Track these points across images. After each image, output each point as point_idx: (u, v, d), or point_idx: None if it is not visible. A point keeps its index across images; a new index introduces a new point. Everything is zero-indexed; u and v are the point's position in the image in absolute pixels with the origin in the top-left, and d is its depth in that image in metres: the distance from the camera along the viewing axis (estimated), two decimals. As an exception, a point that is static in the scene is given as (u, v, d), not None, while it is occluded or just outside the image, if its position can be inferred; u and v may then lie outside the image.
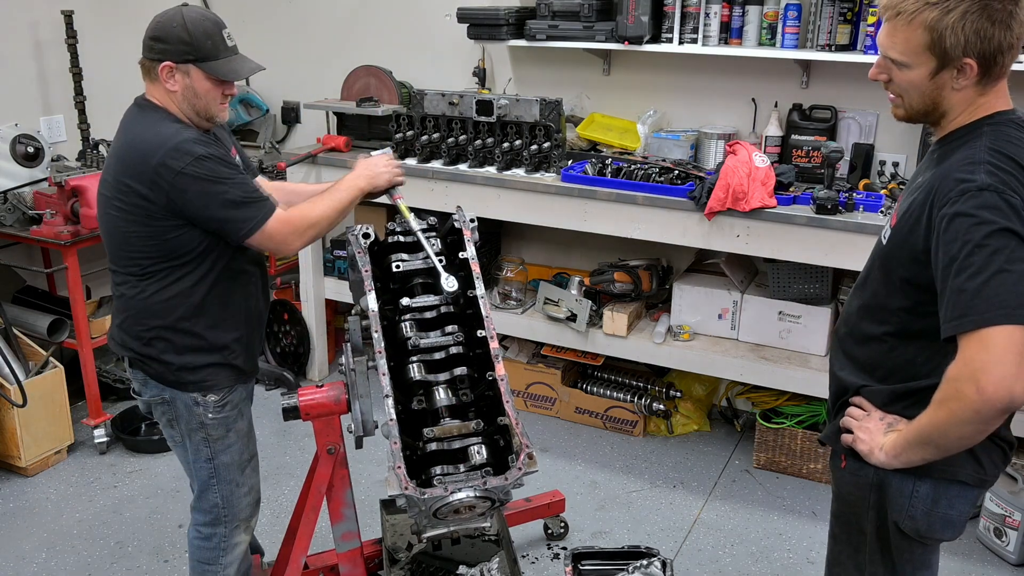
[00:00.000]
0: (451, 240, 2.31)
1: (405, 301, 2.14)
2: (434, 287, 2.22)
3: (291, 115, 4.50)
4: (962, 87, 1.50)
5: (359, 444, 2.16)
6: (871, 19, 3.07)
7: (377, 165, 2.30)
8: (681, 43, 3.39)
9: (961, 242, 1.40)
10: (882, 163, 3.36)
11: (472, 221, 2.28)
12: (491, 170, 3.47)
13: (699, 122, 3.63)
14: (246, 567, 2.38)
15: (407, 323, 2.13)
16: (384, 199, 2.35)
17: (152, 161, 1.95)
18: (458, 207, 2.31)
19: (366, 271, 2.21)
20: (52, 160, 3.61)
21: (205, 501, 2.26)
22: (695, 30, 3.36)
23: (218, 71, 2.02)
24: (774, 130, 3.42)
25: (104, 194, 2.07)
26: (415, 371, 2.07)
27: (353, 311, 2.30)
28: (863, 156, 3.29)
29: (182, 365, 2.12)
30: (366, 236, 2.23)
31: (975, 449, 1.55)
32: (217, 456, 2.21)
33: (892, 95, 1.59)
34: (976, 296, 1.36)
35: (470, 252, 2.20)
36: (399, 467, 1.85)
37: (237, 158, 2.22)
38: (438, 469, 1.94)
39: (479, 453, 1.96)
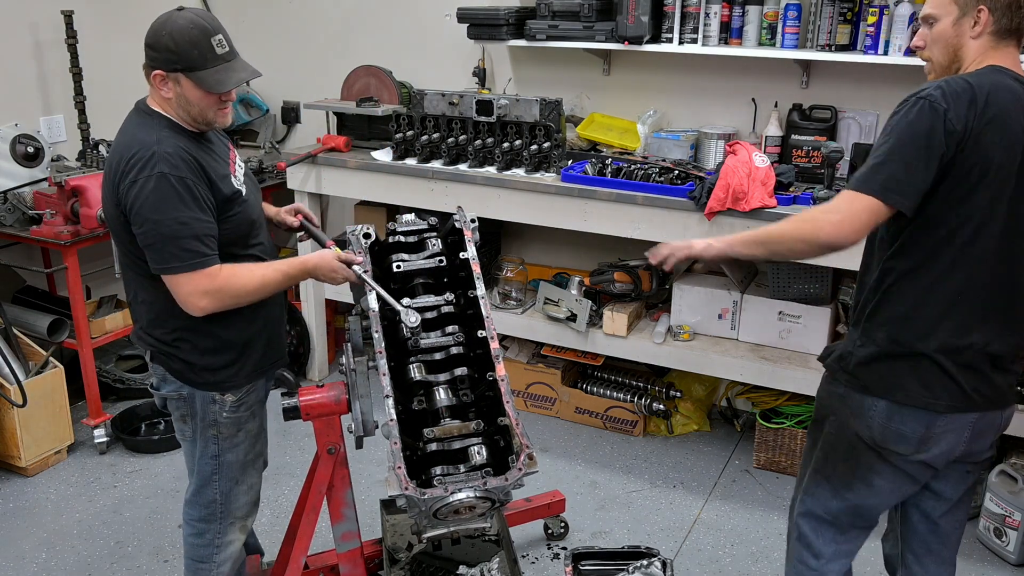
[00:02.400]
0: (452, 240, 2.32)
1: (406, 301, 2.14)
2: (435, 287, 2.23)
3: (291, 115, 4.50)
4: (977, 35, 1.79)
5: (359, 444, 2.16)
6: (871, 19, 3.07)
7: (336, 271, 2.17)
8: (681, 43, 3.39)
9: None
10: (882, 163, 3.36)
11: (473, 221, 2.28)
12: (491, 170, 3.47)
13: (699, 122, 3.63)
14: (239, 566, 2.38)
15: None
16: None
17: (120, 167, 1.96)
18: (459, 207, 2.32)
19: (367, 271, 2.21)
20: (52, 160, 3.61)
21: (203, 496, 2.26)
22: (695, 30, 3.36)
23: (204, 82, 1.98)
24: (774, 130, 3.42)
25: (104, 200, 2.09)
26: (415, 371, 2.07)
27: (353, 311, 2.30)
28: (863, 156, 3.28)
29: (204, 366, 2.14)
30: (367, 236, 2.24)
31: (925, 375, 1.82)
32: (224, 453, 2.22)
33: (925, 62, 1.88)
34: (859, 173, 1.77)
35: (471, 252, 2.20)
36: (399, 467, 1.85)
37: (238, 170, 2.17)
38: (438, 469, 1.94)
39: (479, 453, 1.96)
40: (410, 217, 2.34)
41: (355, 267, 2.15)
